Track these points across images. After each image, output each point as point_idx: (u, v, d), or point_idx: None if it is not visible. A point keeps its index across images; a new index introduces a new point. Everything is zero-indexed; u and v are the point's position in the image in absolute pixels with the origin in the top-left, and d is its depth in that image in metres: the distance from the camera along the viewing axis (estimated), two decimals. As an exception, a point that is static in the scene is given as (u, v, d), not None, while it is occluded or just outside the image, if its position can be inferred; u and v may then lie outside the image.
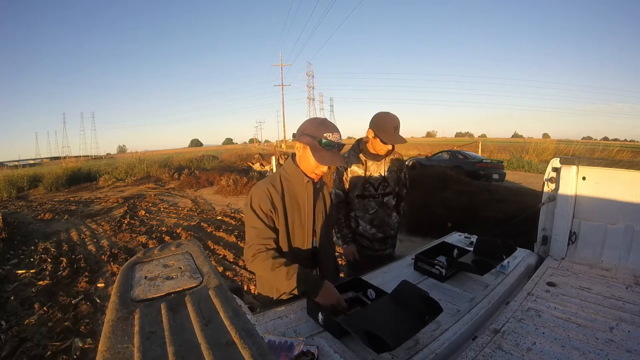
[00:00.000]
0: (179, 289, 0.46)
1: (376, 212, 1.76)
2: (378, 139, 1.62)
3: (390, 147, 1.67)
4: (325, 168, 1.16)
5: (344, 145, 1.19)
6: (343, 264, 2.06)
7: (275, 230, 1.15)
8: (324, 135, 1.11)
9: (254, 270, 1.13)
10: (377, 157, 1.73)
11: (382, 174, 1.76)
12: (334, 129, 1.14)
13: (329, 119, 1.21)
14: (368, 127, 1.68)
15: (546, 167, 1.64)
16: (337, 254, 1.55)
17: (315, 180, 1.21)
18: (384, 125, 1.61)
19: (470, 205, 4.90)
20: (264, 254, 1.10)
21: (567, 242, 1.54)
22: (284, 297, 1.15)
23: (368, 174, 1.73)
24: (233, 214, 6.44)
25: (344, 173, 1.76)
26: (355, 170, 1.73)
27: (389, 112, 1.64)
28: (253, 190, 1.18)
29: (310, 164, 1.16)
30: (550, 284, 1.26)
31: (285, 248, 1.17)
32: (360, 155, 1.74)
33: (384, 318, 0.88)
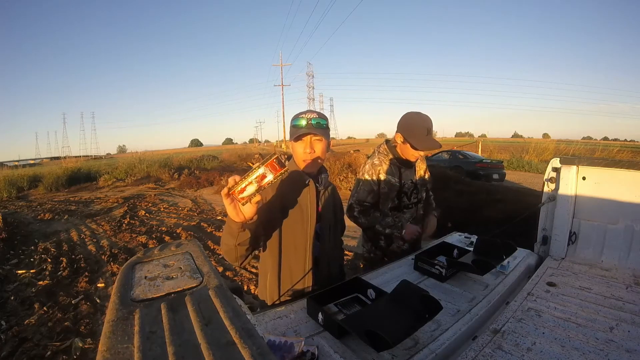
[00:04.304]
0: (179, 289, 0.46)
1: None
2: (408, 145, 1.46)
3: (421, 153, 1.51)
4: (307, 150, 1.12)
5: (323, 122, 1.13)
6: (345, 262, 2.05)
7: (264, 230, 1.12)
8: (296, 118, 1.13)
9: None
10: (408, 164, 1.56)
11: (413, 181, 1.60)
12: (308, 111, 1.13)
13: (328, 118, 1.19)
14: (396, 130, 1.52)
15: (546, 167, 1.63)
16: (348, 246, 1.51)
17: (314, 172, 1.19)
18: (415, 128, 1.43)
19: (470, 205, 4.90)
20: None
21: (567, 242, 1.54)
22: (277, 302, 1.14)
23: (402, 182, 1.54)
24: (233, 214, 6.44)
25: (374, 184, 1.51)
26: (390, 179, 1.52)
27: (420, 113, 1.46)
28: None
29: (297, 153, 1.16)
30: (550, 284, 1.26)
31: (277, 250, 1.14)
32: (395, 161, 1.54)
33: (383, 317, 0.88)
